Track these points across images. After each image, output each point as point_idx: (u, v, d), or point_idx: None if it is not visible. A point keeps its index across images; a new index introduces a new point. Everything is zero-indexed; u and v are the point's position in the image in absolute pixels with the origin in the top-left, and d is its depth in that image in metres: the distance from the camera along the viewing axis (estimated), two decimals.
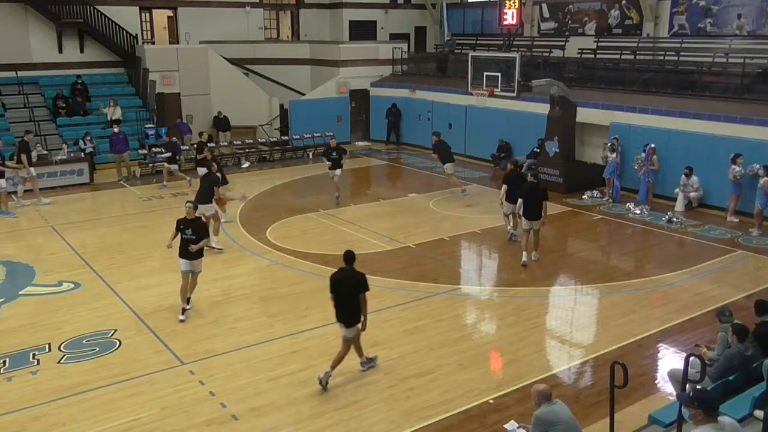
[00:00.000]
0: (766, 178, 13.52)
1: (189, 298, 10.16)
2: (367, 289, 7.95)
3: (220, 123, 23.36)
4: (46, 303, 10.66)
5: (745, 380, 6.65)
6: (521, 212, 12.19)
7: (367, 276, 8.04)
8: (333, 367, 8.02)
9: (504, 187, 13.18)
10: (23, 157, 16.16)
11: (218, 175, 13.44)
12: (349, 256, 8.10)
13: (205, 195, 12.64)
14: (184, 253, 9.86)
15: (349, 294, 7.94)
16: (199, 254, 9.99)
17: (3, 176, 15.55)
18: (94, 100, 22.21)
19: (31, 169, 16.45)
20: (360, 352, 8.37)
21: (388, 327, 9.10)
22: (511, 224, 13.52)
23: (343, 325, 8.03)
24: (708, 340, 8.42)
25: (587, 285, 11.50)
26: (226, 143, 22.48)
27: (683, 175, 15.61)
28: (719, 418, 4.97)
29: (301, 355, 8.85)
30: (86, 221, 15.43)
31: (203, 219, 12.19)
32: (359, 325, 8.06)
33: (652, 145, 16.12)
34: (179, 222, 10.03)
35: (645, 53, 21.09)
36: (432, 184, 18.71)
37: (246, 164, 21.27)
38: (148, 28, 25.43)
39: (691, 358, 5.77)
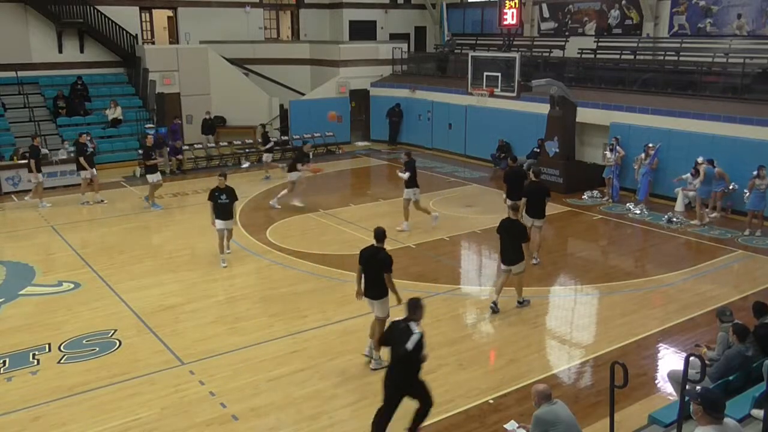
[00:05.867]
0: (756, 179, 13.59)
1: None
2: (388, 270, 8.19)
3: (205, 125, 22.85)
4: (46, 303, 10.65)
5: (745, 380, 6.65)
6: (524, 211, 11.98)
7: None
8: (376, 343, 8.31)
9: (506, 186, 13.28)
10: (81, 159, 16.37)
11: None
12: (377, 234, 8.39)
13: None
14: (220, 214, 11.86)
15: (374, 271, 8.27)
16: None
17: (153, 171, 16.02)
18: (94, 100, 22.18)
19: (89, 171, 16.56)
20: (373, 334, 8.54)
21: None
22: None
23: (369, 299, 8.46)
24: (708, 340, 8.42)
25: (587, 285, 11.49)
26: (212, 145, 22.26)
27: (689, 174, 15.47)
28: (723, 420, 4.96)
29: (301, 355, 8.85)
30: (86, 221, 15.43)
31: None
32: (383, 300, 8.35)
33: (658, 144, 16.08)
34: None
35: (645, 53, 21.09)
36: (432, 184, 18.69)
37: (246, 164, 21.25)
38: (148, 28, 25.41)
39: (691, 358, 5.76)
